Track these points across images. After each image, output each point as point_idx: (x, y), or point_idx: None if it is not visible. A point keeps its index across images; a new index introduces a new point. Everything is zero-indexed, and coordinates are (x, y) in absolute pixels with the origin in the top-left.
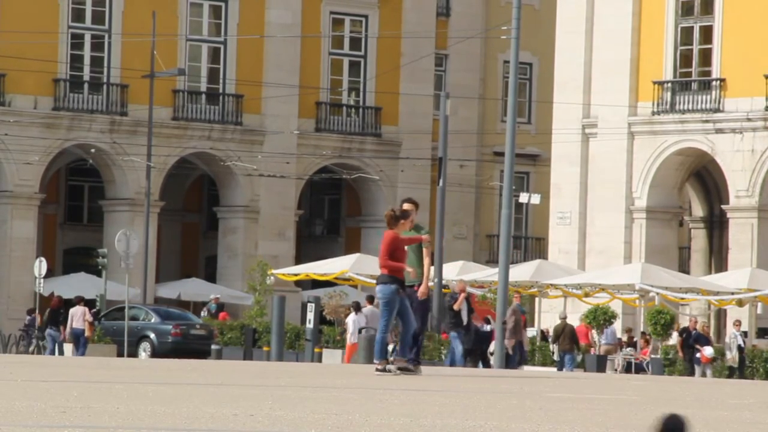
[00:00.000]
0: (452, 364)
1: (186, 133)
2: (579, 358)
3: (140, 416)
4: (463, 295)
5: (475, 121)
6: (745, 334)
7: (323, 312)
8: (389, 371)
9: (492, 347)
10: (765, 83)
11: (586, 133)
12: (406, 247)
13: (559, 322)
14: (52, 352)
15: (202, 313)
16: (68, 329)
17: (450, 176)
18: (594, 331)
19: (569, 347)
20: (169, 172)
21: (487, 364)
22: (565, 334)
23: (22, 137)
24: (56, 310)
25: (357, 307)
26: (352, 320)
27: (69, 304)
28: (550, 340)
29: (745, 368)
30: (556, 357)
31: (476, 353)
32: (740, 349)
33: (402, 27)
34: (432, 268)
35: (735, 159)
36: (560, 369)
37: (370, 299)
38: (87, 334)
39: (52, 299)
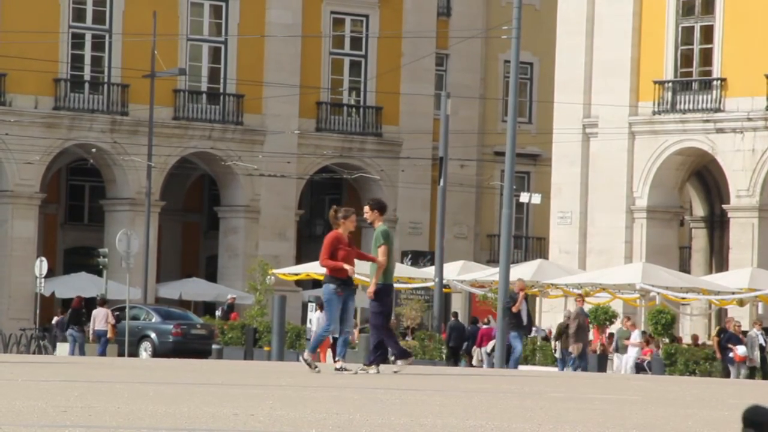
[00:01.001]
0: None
1: (187, 133)
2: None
3: (141, 416)
4: (522, 294)
5: (476, 120)
6: (744, 333)
7: None
8: (347, 369)
9: (490, 346)
10: (766, 83)
11: (586, 132)
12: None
13: (563, 320)
14: (73, 352)
15: (217, 313)
16: (91, 330)
17: (451, 176)
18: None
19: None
20: (169, 171)
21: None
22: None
23: (22, 137)
24: (78, 310)
25: (322, 306)
26: (316, 318)
27: (69, 303)
28: (552, 337)
29: (767, 367)
30: (557, 354)
31: (459, 351)
32: (762, 348)
33: (402, 27)
34: (379, 269)
35: (736, 159)
36: (562, 368)
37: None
38: (109, 335)
39: (73, 299)
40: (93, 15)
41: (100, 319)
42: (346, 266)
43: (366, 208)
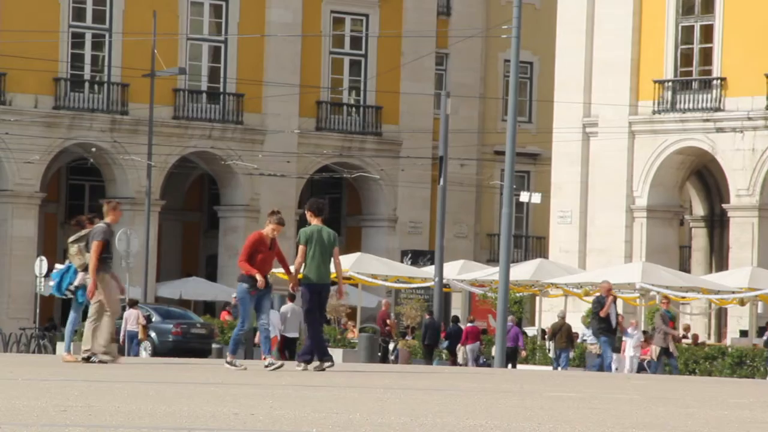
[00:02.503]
0: (601, 369)
1: (186, 132)
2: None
3: (141, 415)
4: (611, 298)
5: (476, 120)
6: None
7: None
8: (237, 365)
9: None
10: (766, 82)
11: (586, 132)
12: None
13: (557, 320)
14: None
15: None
16: (122, 332)
17: (451, 175)
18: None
19: (565, 345)
20: (169, 171)
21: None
22: (563, 333)
23: (22, 136)
24: None
25: (271, 305)
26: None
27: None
28: (546, 337)
29: None
30: (552, 354)
31: (434, 349)
32: None
33: (402, 26)
34: (293, 269)
35: (735, 158)
36: (556, 367)
37: (291, 297)
38: (140, 336)
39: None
40: (93, 14)
41: (132, 320)
42: (258, 277)
43: (308, 213)
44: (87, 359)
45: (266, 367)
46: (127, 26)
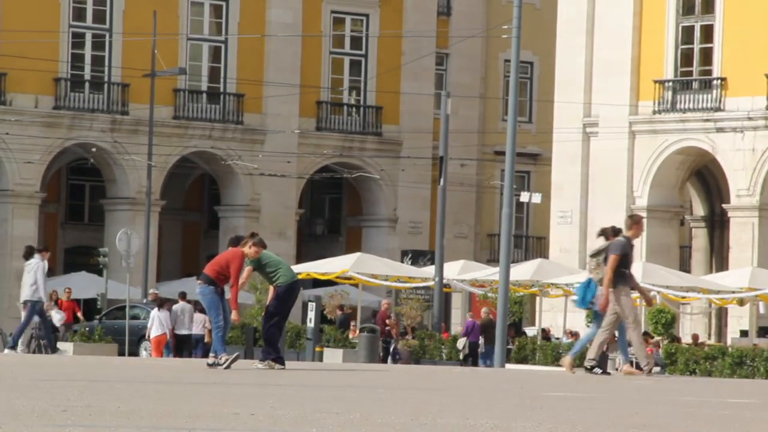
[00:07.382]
0: None
1: (187, 132)
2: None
3: (141, 415)
4: None
5: (476, 120)
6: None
7: (324, 311)
8: (219, 365)
9: (461, 343)
10: (766, 82)
11: (587, 132)
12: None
13: (484, 317)
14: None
15: None
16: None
17: (451, 175)
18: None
19: (491, 342)
20: (169, 171)
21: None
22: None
23: (23, 136)
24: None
25: (161, 304)
26: (153, 316)
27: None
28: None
29: None
30: (482, 349)
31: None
32: None
33: (403, 26)
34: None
35: (736, 158)
36: (485, 363)
37: (182, 295)
38: (207, 339)
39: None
40: (93, 14)
41: (198, 323)
42: (234, 315)
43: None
44: (590, 369)
45: (220, 365)
46: (127, 26)
